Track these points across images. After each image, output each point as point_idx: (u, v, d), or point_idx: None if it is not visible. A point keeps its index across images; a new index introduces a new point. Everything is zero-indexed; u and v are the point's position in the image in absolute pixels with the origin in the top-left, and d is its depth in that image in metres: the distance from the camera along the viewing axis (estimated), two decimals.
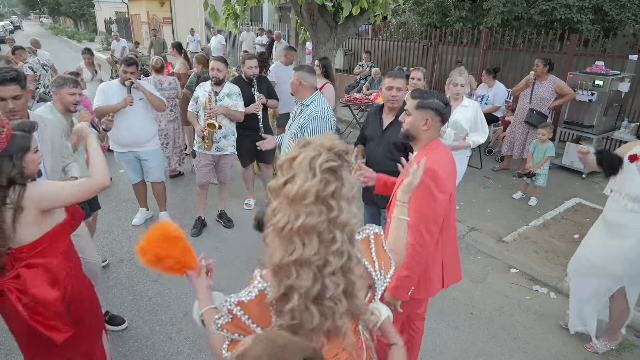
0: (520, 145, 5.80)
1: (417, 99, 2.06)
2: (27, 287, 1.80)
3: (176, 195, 5.29)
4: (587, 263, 2.79)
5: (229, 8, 6.50)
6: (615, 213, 2.62)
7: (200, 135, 4.10)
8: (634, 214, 2.54)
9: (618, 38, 6.71)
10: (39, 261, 1.85)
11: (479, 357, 2.91)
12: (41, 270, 1.85)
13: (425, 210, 1.94)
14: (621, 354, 2.94)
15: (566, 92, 5.54)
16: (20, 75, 2.34)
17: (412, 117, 2.07)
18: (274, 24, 15.44)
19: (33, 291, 1.80)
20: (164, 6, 23.53)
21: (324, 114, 3.18)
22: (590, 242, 2.83)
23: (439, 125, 2.08)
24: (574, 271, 2.91)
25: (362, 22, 6.54)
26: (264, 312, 1.12)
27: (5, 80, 2.27)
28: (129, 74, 3.94)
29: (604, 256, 2.69)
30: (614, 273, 2.67)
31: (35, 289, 1.81)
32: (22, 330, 1.90)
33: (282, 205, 1.03)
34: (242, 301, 1.15)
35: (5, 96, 2.29)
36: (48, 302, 1.83)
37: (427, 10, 9.80)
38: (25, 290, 1.80)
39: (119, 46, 12.52)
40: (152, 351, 2.87)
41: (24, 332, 1.91)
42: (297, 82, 3.28)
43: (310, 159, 1.02)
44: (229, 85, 4.19)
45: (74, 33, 34.51)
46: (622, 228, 2.60)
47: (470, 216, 4.78)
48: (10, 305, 1.82)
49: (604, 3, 7.84)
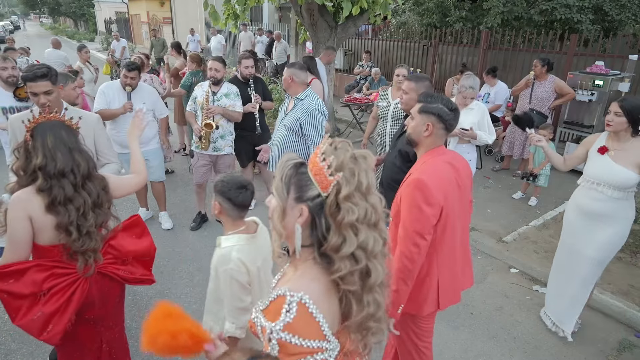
0: (520, 145, 5.80)
1: (421, 102, 1.98)
2: (121, 253, 2.04)
3: (176, 195, 5.29)
4: (567, 250, 2.96)
5: (229, 8, 6.51)
6: (597, 202, 2.70)
7: (198, 135, 4.10)
8: (617, 201, 2.65)
9: (618, 38, 6.71)
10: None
11: (479, 357, 2.91)
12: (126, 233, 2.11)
13: (411, 222, 1.83)
14: (621, 354, 2.94)
15: (566, 92, 5.54)
16: (51, 72, 2.46)
17: (415, 121, 1.99)
18: (274, 24, 15.45)
19: (128, 249, 2.06)
20: (164, 6, 23.54)
21: (319, 107, 3.45)
22: (568, 230, 2.97)
23: (442, 133, 1.96)
24: (557, 262, 3.07)
25: (362, 22, 6.55)
26: (310, 324, 1.07)
27: (37, 76, 2.40)
28: (129, 79, 3.92)
29: (585, 243, 2.81)
30: (593, 258, 2.79)
31: (129, 247, 2.07)
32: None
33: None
34: (289, 323, 1.05)
35: (37, 91, 2.42)
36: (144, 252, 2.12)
37: (427, 10, 9.81)
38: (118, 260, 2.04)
39: (119, 46, 12.52)
40: None
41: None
42: (289, 78, 3.47)
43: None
44: (227, 85, 4.19)
45: (74, 33, 34.54)
46: (604, 216, 2.70)
47: (470, 216, 4.78)
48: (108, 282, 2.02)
49: (604, 3, 7.84)
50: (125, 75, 3.91)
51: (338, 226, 1.06)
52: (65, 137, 1.83)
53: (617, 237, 2.72)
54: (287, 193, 1.11)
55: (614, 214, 2.68)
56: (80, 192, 1.82)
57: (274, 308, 1.08)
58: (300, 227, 1.09)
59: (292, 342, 1.04)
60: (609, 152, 2.65)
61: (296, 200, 1.09)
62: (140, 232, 2.16)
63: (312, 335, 1.06)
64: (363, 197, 1.05)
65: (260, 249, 1.92)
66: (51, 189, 1.76)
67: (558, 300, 3.05)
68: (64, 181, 1.78)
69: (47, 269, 1.82)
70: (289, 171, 1.12)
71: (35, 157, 1.77)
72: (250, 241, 1.89)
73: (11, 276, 1.76)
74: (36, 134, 1.80)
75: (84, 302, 1.91)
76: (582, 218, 2.82)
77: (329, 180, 1.05)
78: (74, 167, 1.81)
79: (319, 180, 1.06)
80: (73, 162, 1.81)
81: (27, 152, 1.81)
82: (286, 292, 1.08)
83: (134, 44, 24.01)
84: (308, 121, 3.39)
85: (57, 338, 1.81)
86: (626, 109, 2.52)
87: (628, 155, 2.57)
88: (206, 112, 4.02)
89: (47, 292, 1.80)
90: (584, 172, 2.81)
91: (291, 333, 1.05)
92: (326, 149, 1.08)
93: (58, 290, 1.82)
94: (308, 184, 1.08)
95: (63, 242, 1.83)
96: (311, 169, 1.09)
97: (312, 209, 1.07)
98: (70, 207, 1.78)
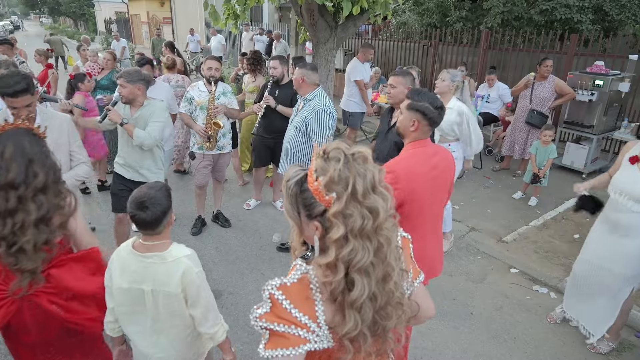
0: (521, 145, 5.80)
1: (409, 99, 2.16)
2: (60, 286, 1.79)
3: (176, 195, 5.27)
4: (591, 267, 2.78)
5: (229, 8, 6.49)
6: (622, 215, 2.58)
7: (204, 135, 4.07)
8: (638, 215, 2.52)
9: (618, 38, 6.71)
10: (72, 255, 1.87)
11: (479, 357, 2.91)
12: (76, 264, 1.85)
13: None
14: (621, 353, 2.94)
15: (566, 92, 5.54)
16: (29, 83, 2.39)
17: (403, 116, 2.17)
18: (274, 24, 15.43)
19: (67, 284, 1.79)
20: (164, 6, 23.53)
21: (327, 108, 3.46)
22: (593, 246, 2.81)
23: (427, 129, 2.16)
24: (579, 275, 2.89)
25: (362, 22, 6.53)
26: (306, 297, 1.10)
27: (17, 92, 2.32)
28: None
29: (610, 258, 2.67)
30: (622, 275, 2.64)
31: (69, 283, 1.80)
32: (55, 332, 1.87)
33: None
34: (285, 284, 1.09)
35: (18, 106, 2.36)
36: (92, 293, 1.83)
37: (427, 10, 9.80)
38: (58, 291, 1.78)
39: (119, 46, 12.54)
40: None
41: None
42: (300, 79, 3.52)
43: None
44: (222, 84, 4.21)
45: (74, 33, 34.50)
46: (629, 229, 2.57)
47: (470, 216, 4.78)
48: (39, 312, 1.78)
49: (604, 3, 7.83)
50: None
51: (328, 241, 1.07)
52: (27, 147, 1.72)
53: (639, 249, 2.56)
54: (297, 213, 1.13)
55: (637, 226, 2.53)
56: (25, 205, 1.68)
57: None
58: (317, 239, 1.11)
59: (283, 305, 1.07)
60: (639, 164, 2.50)
61: (307, 218, 1.11)
62: (94, 268, 1.89)
63: (304, 309, 1.08)
64: (358, 204, 1.04)
65: (149, 275, 1.73)
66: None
67: (581, 307, 2.92)
68: (10, 193, 1.66)
69: None
70: (293, 191, 1.13)
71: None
72: (136, 258, 1.74)
73: None
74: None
75: (16, 325, 1.77)
76: (608, 230, 2.69)
77: (327, 199, 1.06)
78: (27, 179, 1.68)
79: (320, 199, 1.07)
80: (28, 173, 1.69)
81: None
82: (298, 262, 1.13)
83: (134, 44, 24.01)
84: (313, 121, 3.44)
85: None
86: None
87: None
88: (213, 112, 4.03)
89: None
90: (611, 181, 2.67)
91: (285, 295, 1.08)
92: (317, 165, 1.08)
93: None
94: (313, 202, 1.09)
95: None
96: (310, 189, 1.09)
97: (324, 224, 1.08)
98: (7, 221, 1.65)
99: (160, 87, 4.46)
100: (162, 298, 1.72)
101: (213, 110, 4.02)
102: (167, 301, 1.73)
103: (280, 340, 1.07)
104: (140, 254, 1.73)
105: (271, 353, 1.07)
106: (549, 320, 3.23)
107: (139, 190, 1.73)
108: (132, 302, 1.75)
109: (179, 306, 1.74)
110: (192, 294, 1.73)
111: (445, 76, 3.82)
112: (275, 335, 1.07)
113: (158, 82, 4.36)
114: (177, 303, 1.74)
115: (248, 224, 4.64)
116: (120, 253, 1.78)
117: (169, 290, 1.71)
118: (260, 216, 4.83)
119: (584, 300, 2.89)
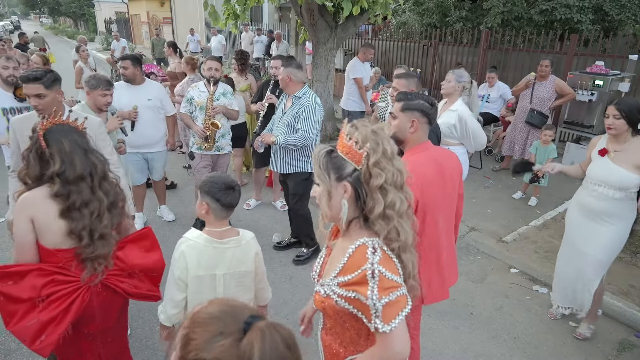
0: (521, 145, 5.80)
1: (402, 101, 2.05)
2: (126, 266, 1.94)
3: (176, 195, 5.30)
4: (572, 249, 2.95)
5: (229, 8, 6.50)
6: (598, 202, 2.72)
7: (202, 136, 4.07)
8: (618, 201, 2.66)
9: (618, 38, 6.71)
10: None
11: (479, 357, 2.91)
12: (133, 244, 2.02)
13: None
14: (621, 353, 2.94)
15: (567, 92, 5.53)
16: (46, 76, 2.43)
17: (398, 120, 2.05)
18: (274, 24, 15.44)
19: (134, 262, 1.96)
20: (164, 6, 23.54)
21: (316, 105, 3.56)
22: (575, 231, 2.94)
23: (426, 127, 2.06)
24: (563, 258, 3.06)
25: (362, 22, 6.55)
26: (390, 262, 1.26)
27: (29, 79, 2.40)
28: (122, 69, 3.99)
29: (587, 243, 2.82)
30: (597, 259, 2.79)
31: (135, 261, 1.97)
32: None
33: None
34: (380, 258, 1.22)
35: (28, 93, 2.44)
36: (152, 267, 2.02)
37: (427, 10, 9.80)
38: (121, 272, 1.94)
39: (119, 46, 12.53)
40: (152, 351, 2.86)
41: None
42: (287, 77, 3.53)
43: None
44: (222, 85, 4.22)
45: (74, 33, 34.50)
46: (605, 215, 2.72)
47: (470, 216, 4.78)
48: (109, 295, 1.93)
49: (604, 3, 7.83)
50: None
51: (371, 190, 1.23)
52: (79, 140, 1.80)
53: (617, 235, 2.73)
54: (328, 176, 1.27)
55: (615, 212, 2.69)
56: (97, 194, 1.79)
57: (358, 255, 1.24)
58: (346, 203, 1.25)
59: (387, 276, 1.20)
60: (609, 154, 2.68)
61: (337, 180, 1.26)
62: (149, 246, 2.05)
63: (394, 271, 1.24)
64: (389, 161, 1.22)
65: (225, 259, 1.86)
66: (69, 195, 1.72)
67: (567, 288, 3.05)
68: (82, 185, 1.75)
69: (48, 274, 1.75)
70: (324, 158, 1.28)
71: (53, 163, 1.72)
72: (212, 246, 1.83)
73: (11, 277, 1.72)
74: (50, 141, 1.74)
75: (83, 315, 1.83)
76: (584, 217, 2.84)
77: (359, 153, 1.21)
78: (92, 170, 1.78)
79: (351, 157, 1.23)
80: (90, 164, 1.78)
81: (41, 159, 1.75)
82: (365, 240, 1.25)
83: (134, 44, 24.01)
84: (303, 116, 3.50)
85: (49, 349, 1.73)
86: (624, 110, 2.55)
87: (628, 156, 2.59)
88: (212, 112, 4.03)
89: (46, 298, 1.73)
90: (586, 173, 2.83)
91: (384, 267, 1.21)
92: (348, 130, 1.25)
93: (57, 297, 1.74)
94: (343, 164, 1.25)
95: (72, 247, 1.77)
96: (341, 150, 1.26)
97: (353, 182, 1.24)
98: (85, 212, 1.74)
99: (151, 86, 4.23)
100: (235, 278, 1.90)
101: (211, 110, 4.03)
102: (241, 279, 1.92)
103: (392, 309, 1.19)
104: (218, 240, 1.84)
105: (394, 323, 1.19)
106: (550, 316, 3.27)
107: (219, 177, 1.85)
108: (203, 289, 1.87)
109: (249, 282, 1.96)
110: (261, 270, 1.99)
111: (450, 77, 3.67)
112: (387, 307, 1.18)
113: (148, 81, 4.20)
114: (249, 280, 1.95)
115: (248, 224, 4.64)
116: (193, 244, 1.83)
117: (244, 270, 1.90)
118: (260, 216, 4.84)
119: (569, 285, 3.02)
